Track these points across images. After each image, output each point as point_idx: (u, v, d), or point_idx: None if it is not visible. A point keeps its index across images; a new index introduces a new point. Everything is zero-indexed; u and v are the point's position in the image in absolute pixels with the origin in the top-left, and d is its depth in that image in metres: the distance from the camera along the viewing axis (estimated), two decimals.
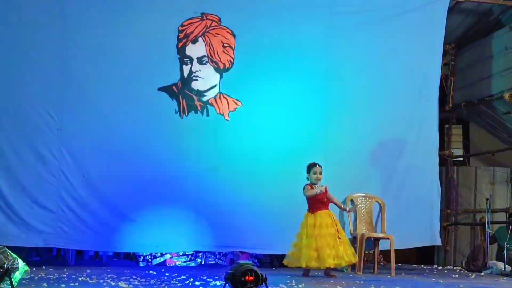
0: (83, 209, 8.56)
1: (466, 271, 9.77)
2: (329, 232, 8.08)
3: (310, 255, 8.01)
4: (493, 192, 11.39)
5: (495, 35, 10.96)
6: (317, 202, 8.22)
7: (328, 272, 8.13)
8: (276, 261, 9.45)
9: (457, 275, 9.02)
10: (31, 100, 8.54)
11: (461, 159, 12.10)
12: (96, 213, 8.61)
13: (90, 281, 6.57)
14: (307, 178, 8.30)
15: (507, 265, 9.38)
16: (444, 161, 11.26)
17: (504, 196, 11.77)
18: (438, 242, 9.82)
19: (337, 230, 8.18)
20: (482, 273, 9.31)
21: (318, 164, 8.27)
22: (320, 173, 8.23)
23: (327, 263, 7.98)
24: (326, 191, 8.25)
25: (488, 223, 9.88)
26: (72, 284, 6.18)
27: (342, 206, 8.56)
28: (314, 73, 9.39)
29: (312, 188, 8.20)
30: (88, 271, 7.65)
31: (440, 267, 10.60)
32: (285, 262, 8.36)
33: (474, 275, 9.12)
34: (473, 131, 12.53)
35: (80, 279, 6.70)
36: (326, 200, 8.27)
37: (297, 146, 9.17)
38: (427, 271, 9.82)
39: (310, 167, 8.28)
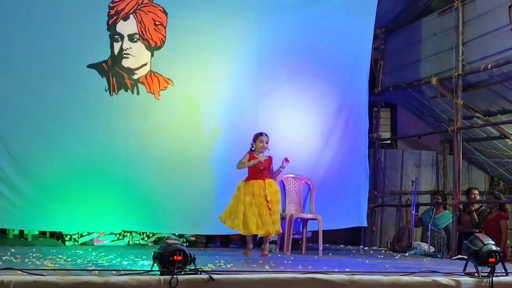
0: (8, 186, 8.37)
1: (391, 252, 9.98)
2: (258, 202, 8.01)
3: (238, 219, 7.96)
4: (418, 175, 11.66)
5: (424, 21, 11.14)
6: (254, 171, 8.11)
7: (263, 250, 8.13)
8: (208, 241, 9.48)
9: (382, 256, 9.20)
10: None
11: (389, 141, 12.33)
12: (22, 191, 8.43)
13: (14, 260, 6.42)
14: (252, 146, 8.17)
15: (430, 246, 9.62)
16: (372, 144, 11.44)
17: (429, 179, 12.06)
18: (364, 223, 10.04)
19: (267, 200, 8.07)
20: (407, 254, 9.53)
21: (265, 134, 8.21)
22: (267, 142, 8.16)
23: (250, 231, 7.96)
24: (269, 162, 8.18)
25: (413, 205, 10.10)
26: None
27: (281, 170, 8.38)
28: (246, 54, 9.38)
29: (248, 159, 8.09)
30: (12, 250, 7.46)
31: (366, 248, 10.79)
32: (219, 217, 8.21)
33: (399, 255, 9.33)
34: (400, 114, 12.76)
35: (4, 258, 6.55)
36: (263, 169, 8.14)
37: (228, 126, 9.15)
38: (354, 251, 9.98)
39: (257, 136, 8.18)
